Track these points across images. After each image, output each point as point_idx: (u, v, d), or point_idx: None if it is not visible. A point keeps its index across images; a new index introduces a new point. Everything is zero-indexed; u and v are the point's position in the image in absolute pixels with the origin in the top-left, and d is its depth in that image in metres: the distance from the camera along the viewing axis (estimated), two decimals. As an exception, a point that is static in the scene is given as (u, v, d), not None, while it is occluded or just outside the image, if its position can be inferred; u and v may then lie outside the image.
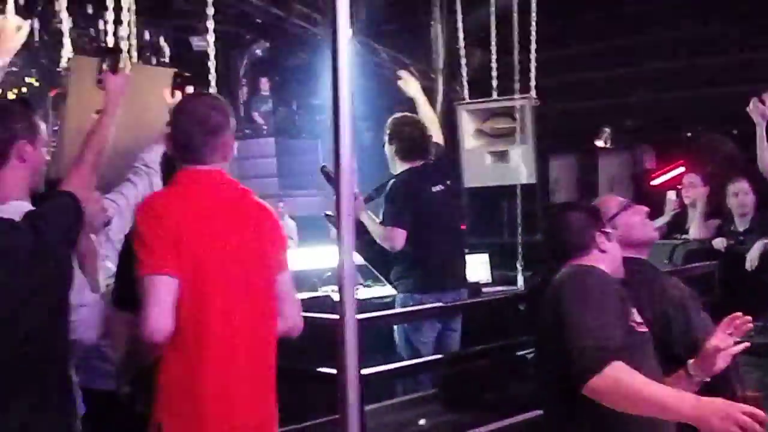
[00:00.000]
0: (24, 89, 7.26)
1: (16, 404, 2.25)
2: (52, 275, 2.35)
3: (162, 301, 2.35)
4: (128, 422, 2.61)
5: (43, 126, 2.80)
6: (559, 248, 2.83)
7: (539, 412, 2.88)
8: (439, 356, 4.31)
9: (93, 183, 2.84)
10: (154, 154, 3.40)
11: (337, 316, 2.15)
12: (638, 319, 2.67)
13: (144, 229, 2.41)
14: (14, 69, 7.34)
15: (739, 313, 2.69)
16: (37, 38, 6.49)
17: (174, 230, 2.40)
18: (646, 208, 3.17)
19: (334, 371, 2.20)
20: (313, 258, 6.12)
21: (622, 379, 2.37)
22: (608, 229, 2.84)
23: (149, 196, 2.63)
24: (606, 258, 2.78)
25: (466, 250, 5.45)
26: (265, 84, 12.04)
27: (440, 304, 4.50)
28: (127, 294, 2.42)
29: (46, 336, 2.33)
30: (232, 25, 11.05)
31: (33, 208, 2.42)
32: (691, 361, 2.70)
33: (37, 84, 7.29)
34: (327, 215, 4.95)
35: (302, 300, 3.45)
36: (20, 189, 2.47)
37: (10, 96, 6.65)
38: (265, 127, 12.17)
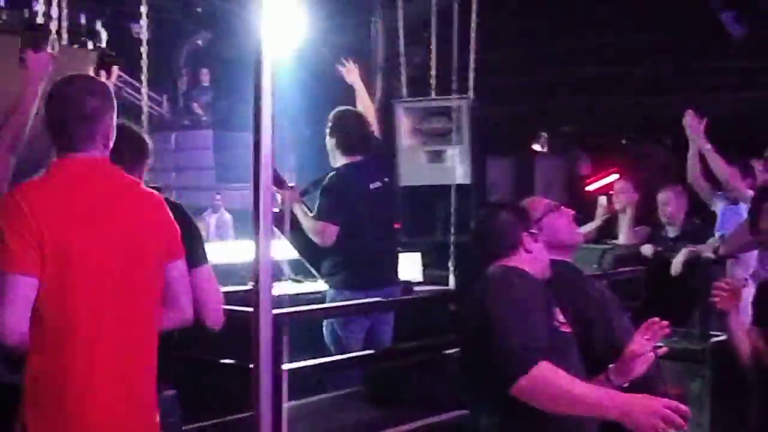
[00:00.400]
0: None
1: None
2: None
3: (16, 301, 2.22)
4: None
5: None
6: (487, 248, 2.83)
7: (464, 411, 2.88)
8: (364, 353, 4.27)
9: (9, 164, 2.74)
10: None
11: (251, 309, 2.12)
12: (561, 319, 2.68)
13: (4, 224, 2.25)
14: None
15: (657, 318, 2.71)
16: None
17: (36, 226, 2.25)
18: (572, 211, 3.18)
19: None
20: (248, 252, 6.03)
21: (548, 379, 2.39)
22: (535, 230, 2.85)
23: (15, 188, 2.42)
24: (532, 259, 2.78)
25: (399, 249, 5.43)
26: (205, 75, 11.94)
27: (364, 300, 4.47)
28: None
29: None
30: (174, 14, 10.92)
31: None
32: (611, 366, 2.72)
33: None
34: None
35: (229, 293, 3.40)
36: None
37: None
38: (204, 119, 12.07)
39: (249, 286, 5.36)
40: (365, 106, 5.24)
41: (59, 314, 2.28)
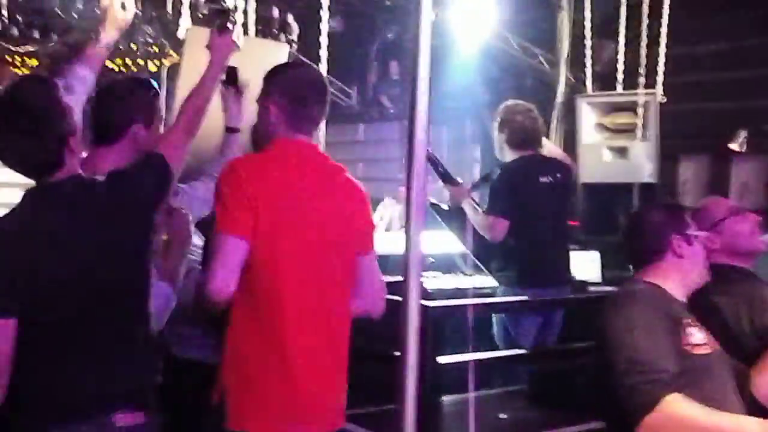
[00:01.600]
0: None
1: (86, 357, 2.31)
2: (128, 233, 2.36)
3: (228, 262, 2.36)
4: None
5: (162, 108, 2.88)
6: (634, 250, 2.71)
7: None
8: (522, 351, 4.17)
9: (187, 146, 2.79)
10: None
11: (399, 298, 2.11)
12: (696, 341, 2.47)
13: (224, 190, 2.43)
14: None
15: None
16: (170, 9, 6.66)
17: (252, 194, 2.39)
18: (757, 217, 2.99)
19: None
20: (427, 243, 6.04)
21: (677, 414, 2.26)
22: (691, 232, 2.66)
23: (237, 159, 2.60)
24: (682, 265, 2.62)
25: (575, 247, 5.28)
26: (394, 68, 12.03)
27: (520, 298, 4.38)
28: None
29: (120, 292, 2.34)
30: (367, 7, 11.12)
31: None
32: None
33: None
34: (431, 204, 4.89)
35: (391, 283, 3.42)
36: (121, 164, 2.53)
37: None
38: (392, 111, 12.20)
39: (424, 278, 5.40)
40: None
41: (268, 281, 2.41)
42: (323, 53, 4.80)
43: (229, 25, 3.23)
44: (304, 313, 2.45)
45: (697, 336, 2.48)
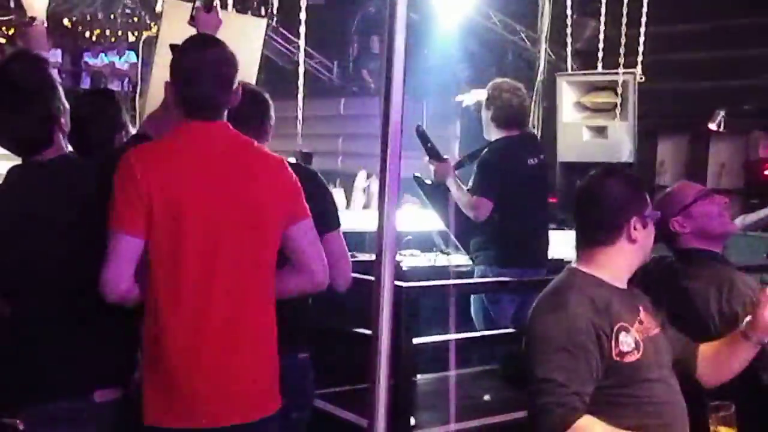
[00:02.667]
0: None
1: (66, 337, 2.31)
2: None
3: (119, 259, 2.29)
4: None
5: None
6: (585, 226, 2.49)
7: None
8: (495, 332, 4.17)
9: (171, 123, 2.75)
10: None
11: (372, 278, 2.09)
12: (626, 348, 2.35)
13: (117, 185, 2.31)
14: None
15: None
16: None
17: (146, 188, 2.30)
18: (725, 199, 2.97)
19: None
20: (403, 220, 6.01)
21: None
22: (648, 213, 2.48)
23: (132, 150, 2.43)
24: (632, 250, 2.46)
25: (554, 226, 5.28)
26: (375, 43, 11.97)
27: (499, 279, 4.36)
28: None
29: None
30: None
31: None
32: (746, 321, 2.45)
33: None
34: (415, 177, 4.84)
35: (363, 262, 3.41)
36: None
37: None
38: (372, 86, 12.16)
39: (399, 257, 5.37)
40: None
41: (170, 276, 2.34)
42: (302, 28, 4.74)
43: (215, 3, 3.19)
44: (208, 303, 2.34)
45: (627, 343, 2.37)
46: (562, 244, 5.60)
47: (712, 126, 9.19)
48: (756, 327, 2.45)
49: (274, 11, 7.70)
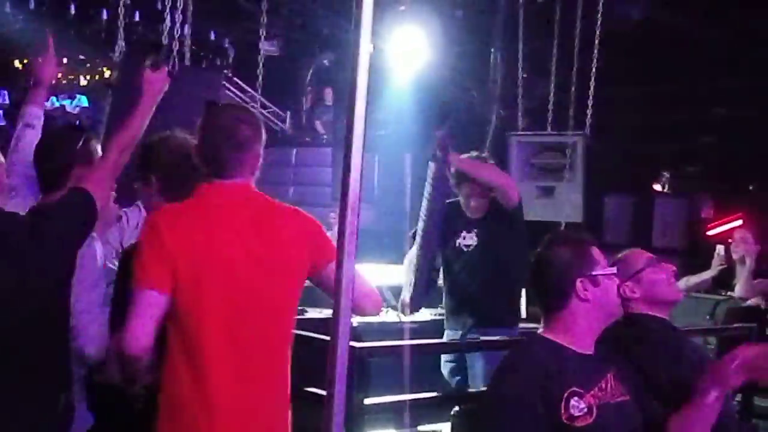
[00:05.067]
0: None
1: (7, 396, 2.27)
2: (48, 269, 2.35)
3: (142, 314, 2.29)
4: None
5: (98, 149, 2.89)
6: (539, 296, 2.59)
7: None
8: (441, 394, 4.14)
9: (112, 180, 2.76)
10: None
11: (328, 338, 2.06)
12: (578, 413, 2.39)
13: (144, 246, 2.36)
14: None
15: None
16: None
17: (171, 247, 2.33)
18: (672, 267, 3.03)
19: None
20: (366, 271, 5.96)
21: None
22: (597, 272, 2.54)
23: (160, 210, 2.51)
24: (588, 310, 2.52)
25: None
26: (328, 94, 12.09)
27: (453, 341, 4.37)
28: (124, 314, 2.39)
29: (39, 327, 2.33)
30: (302, 33, 11.14)
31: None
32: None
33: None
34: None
35: (319, 319, 3.38)
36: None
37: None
38: (325, 137, 12.23)
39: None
40: None
41: (192, 331, 2.35)
42: (259, 80, 4.75)
43: (164, 62, 3.19)
44: (229, 362, 2.39)
45: (578, 407, 2.40)
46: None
47: (657, 187, 9.42)
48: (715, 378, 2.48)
49: (230, 61, 7.76)
